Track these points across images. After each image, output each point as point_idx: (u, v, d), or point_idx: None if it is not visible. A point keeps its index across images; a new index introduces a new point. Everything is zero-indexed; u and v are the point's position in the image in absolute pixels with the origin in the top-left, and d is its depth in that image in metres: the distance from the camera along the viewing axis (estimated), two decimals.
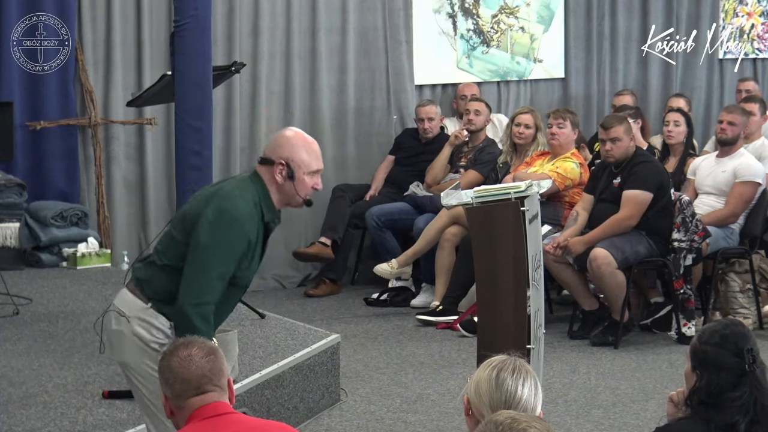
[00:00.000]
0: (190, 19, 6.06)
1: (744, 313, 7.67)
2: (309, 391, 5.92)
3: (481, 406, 2.92)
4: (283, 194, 4.02)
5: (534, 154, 8.19)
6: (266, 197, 4.00)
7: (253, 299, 7.45)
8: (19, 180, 8.06)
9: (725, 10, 10.83)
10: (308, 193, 4.03)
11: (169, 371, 3.21)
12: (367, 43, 9.47)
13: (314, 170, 4.01)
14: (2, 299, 6.76)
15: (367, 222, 8.73)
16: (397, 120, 9.55)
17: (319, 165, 4.03)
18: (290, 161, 3.98)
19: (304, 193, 4.01)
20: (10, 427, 4.84)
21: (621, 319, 7.33)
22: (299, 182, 3.98)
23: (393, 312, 8.33)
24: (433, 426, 5.87)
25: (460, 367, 6.84)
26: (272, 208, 4.02)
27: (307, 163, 3.99)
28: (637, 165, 7.37)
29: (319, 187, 4.05)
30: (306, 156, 4.00)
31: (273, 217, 4.03)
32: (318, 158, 4.03)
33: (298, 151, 3.99)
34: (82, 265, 7.99)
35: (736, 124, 7.84)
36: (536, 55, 10.19)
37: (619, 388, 6.50)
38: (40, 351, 5.97)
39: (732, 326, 3.34)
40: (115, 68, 8.55)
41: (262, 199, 4.00)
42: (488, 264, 5.16)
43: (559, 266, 7.45)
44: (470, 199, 5.17)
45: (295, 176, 3.98)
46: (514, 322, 5.04)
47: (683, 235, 7.35)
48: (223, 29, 8.86)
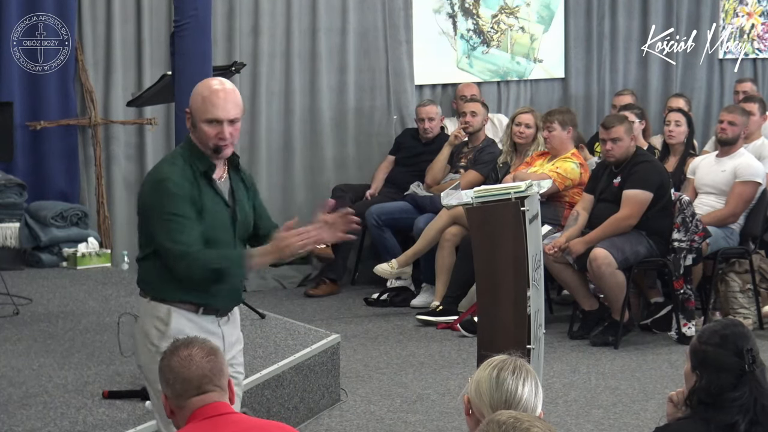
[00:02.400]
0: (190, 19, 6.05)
1: (744, 313, 7.67)
2: (309, 391, 5.92)
3: (482, 405, 2.93)
4: (200, 143, 3.97)
5: (534, 154, 8.19)
6: (194, 149, 3.96)
7: (253, 299, 7.46)
8: (19, 180, 8.06)
9: (725, 10, 10.83)
10: (214, 143, 3.93)
11: (170, 371, 3.21)
12: (367, 43, 9.47)
13: (209, 118, 3.92)
14: (2, 299, 6.76)
15: (367, 221, 8.72)
16: (397, 120, 9.55)
17: (216, 114, 3.91)
18: (191, 109, 3.97)
19: (209, 143, 3.94)
20: (10, 427, 4.84)
21: (621, 319, 7.33)
22: (199, 131, 3.94)
23: (393, 312, 8.33)
24: (433, 426, 5.88)
25: (460, 367, 6.84)
26: (204, 157, 3.95)
27: (201, 111, 3.93)
28: (638, 165, 7.37)
29: (224, 136, 3.92)
30: (201, 103, 3.93)
31: (207, 166, 3.96)
32: (216, 106, 3.91)
33: (196, 99, 3.95)
34: (82, 265, 7.99)
35: (736, 124, 7.84)
36: (536, 55, 10.19)
37: (619, 388, 6.50)
38: (40, 351, 5.97)
39: (732, 326, 3.34)
40: (115, 68, 8.55)
41: (192, 154, 3.96)
42: (488, 264, 5.15)
43: (559, 266, 7.45)
44: (470, 199, 5.17)
45: (196, 125, 3.95)
46: (514, 322, 5.04)
47: (683, 235, 7.35)
48: (223, 29, 8.86)
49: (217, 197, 3.99)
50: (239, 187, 4.09)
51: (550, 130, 7.94)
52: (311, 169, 9.27)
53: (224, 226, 4.01)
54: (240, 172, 4.13)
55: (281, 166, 9.13)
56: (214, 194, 3.98)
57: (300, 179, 9.21)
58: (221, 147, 3.95)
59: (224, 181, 4.05)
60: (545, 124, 8.00)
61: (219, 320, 4.07)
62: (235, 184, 4.07)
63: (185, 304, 4.00)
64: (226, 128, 3.94)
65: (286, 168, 9.16)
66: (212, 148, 3.96)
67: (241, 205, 4.07)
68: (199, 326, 3.98)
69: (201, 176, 3.96)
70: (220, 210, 4.00)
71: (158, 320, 4.00)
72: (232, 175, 4.09)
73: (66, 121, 8.34)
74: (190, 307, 4.01)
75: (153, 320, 4.01)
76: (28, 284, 7.44)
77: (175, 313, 3.99)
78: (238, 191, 4.07)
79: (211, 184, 3.98)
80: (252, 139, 9.05)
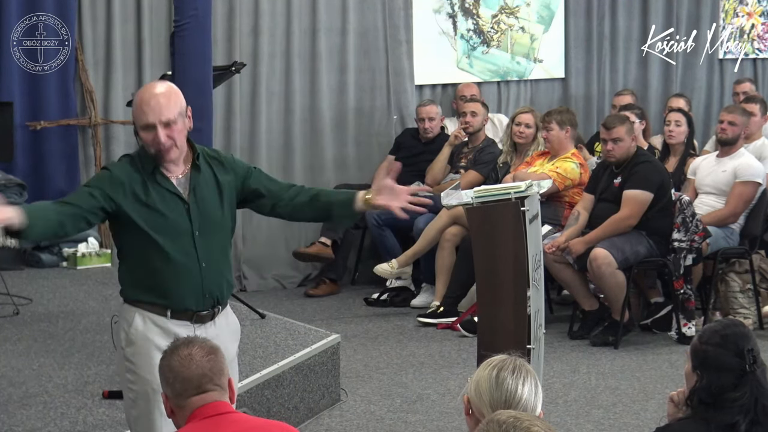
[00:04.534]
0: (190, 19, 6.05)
1: (744, 313, 7.67)
2: (309, 391, 5.92)
3: (482, 405, 2.93)
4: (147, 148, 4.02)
5: (534, 153, 8.19)
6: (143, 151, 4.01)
7: (253, 299, 7.46)
8: (19, 180, 8.05)
9: (725, 10, 10.83)
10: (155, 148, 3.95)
11: (170, 370, 3.21)
12: (367, 43, 9.46)
13: (143, 125, 3.94)
14: (2, 299, 6.76)
15: (367, 220, 8.73)
16: (397, 120, 9.54)
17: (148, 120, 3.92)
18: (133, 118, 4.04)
19: (150, 149, 3.96)
20: (10, 427, 4.84)
21: (621, 319, 7.33)
22: (142, 138, 3.99)
23: (393, 312, 8.33)
24: (433, 426, 5.87)
25: (460, 367, 6.84)
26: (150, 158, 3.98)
27: (137, 118, 3.98)
28: (638, 165, 7.37)
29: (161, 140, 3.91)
30: (136, 111, 3.98)
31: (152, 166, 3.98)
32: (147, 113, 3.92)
33: (134, 107, 4.01)
34: (82, 265, 7.99)
35: (736, 124, 7.84)
36: (536, 55, 10.19)
37: (619, 388, 6.50)
38: (40, 351, 5.97)
39: (733, 326, 3.34)
40: (115, 68, 8.55)
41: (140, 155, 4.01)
42: (488, 264, 5.15)
43: (559, 266, 7.45)
44: (470, 199, 5.16)
45: (137, 132, 4.01)
46: (514, 322, 5.04)
47: (683, 235, 7.35)
48: (223, 29, 8.86)
49: (168, 193, 3.98)
50: (203, 183, 4.04)
51: (549, 130, 7.94)
52: (311, 169, 9.27)
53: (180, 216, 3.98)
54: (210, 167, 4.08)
55: (281, 166, 9.13)
56: (164, 190, 3.98)
57: (300, 179, 9.19)
58: (162, 151, 3.95)
59: (184, 177, 4.03)
60: (544, 124, 8.01)
61: (194, 326, 3.99)
62: (195, 180, 4.03)
63: (152, 306, 3.98)
64: (161, 132, 3.91)
65: (286, 168, 9.15)
66: (154, 154, 3.96)
67: (203, 199, 4.03)
68: (166, 330, 3.94)
69: (149, 176, 3.98)
70: (174, 203, 3.98)
71: (126, 322, 4.00)
72: (193, 173, 4.04)
73: (66, 121, 8.33)
74: (157, 309, 3.98)
75: (123, 322, 4.02)
76: (28, 284, 7.43)
77: (139, 317, 3.97)
78: (199, 187, 4.03)
79: (158, 181, 3.98)
80: (252, 139, 9.05)
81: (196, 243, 3.99)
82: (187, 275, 3.98)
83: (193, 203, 4.00)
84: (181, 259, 3.97)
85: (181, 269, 3.97)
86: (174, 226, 3.97)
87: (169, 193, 3.99)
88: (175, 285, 3.97)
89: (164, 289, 3.96)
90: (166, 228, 3.96)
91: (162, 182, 3.98)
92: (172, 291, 3.97)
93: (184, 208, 3.99)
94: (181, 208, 3.99)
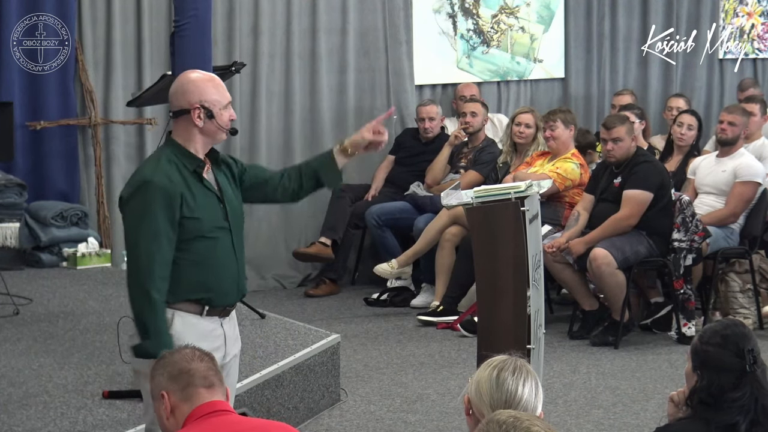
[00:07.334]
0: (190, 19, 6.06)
1: (744, 313, 7.67)
2: (309, 391, 5.92)
3: (482, 405, 2.92)
4: (208, 135, 4.04)
5: (534, 154, 8.19)
6: (181, 149, 4.01)
7: (253, 299, 7.45)
8: (19, 180, 8.05)
9: (725, 10, 10.83)
10: (228, 127, 4.08)
11: (173, 365, 3.21)
12: (367, 43, 9.47)
13: (226, 104, 4.07)
14: (2, 299, 6.76)
15: (367, 220, 8.73)
16: (397, 120, 9.54)
17: (229, 97, 4.10)
18: (204, 103, 4.02)
19: (226, 128, 4.07)
20: (10, 427, 4.84)
21: (621, 319, 7.33)
22: (219, 118, 4.03)
23: (393, 312, 8.33)
24: (433, 426, 5.87)
25: (460, 367, 6.84)
26: (192, 156, 4.01)
27: (219, 100, 4.04)
28: (638, 165, 7.37)
29: (234, 116, 4.11)
30: (216, 94, 4.05)
31: (196, 164, 4.00)
32: (225, 91, 4.09)
33: (209, 91, 4.04)
34: (82, 265, 7.98)
35: (736, 125, 7.84)
36: (536, 55, 10.19)
37: (619, 388, 6.50)
38: (40, 351, 5.97)
39: (733, 326, 3.34)
40: (115, 68, 8.55)
41: (177, 154, 4.00)
42: (488, 264, 5.15)
43: (559, 266, 7.45)
44: (470, 199, 5.16)
45: (214, 114, 4.02)
46: (514, 322, 5.04)
47: (683, 235, 7.35)
48: (223, 29, 8.86)
49: (210, 192, 4.02)
50: (224, 180, 4.11)
51: (553, 129, 7.92)
52: None
53: (219, 219, 4.03)
54: (221, 165, 4.15)
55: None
56: (206, 190, 4.01)
57: None
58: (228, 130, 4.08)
59: (209, 173, 4.08)
60: (547, 123, 7.98)
61: (221, 320, 4.08)
62: (219, 178, 4.10)
63: (190, 305, 3.99)
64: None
65: None
66: (230, 130, 4.08)
67: (229, 196, 4.09)
68: (200, 330, 3.97)
69: (191, 175, 3.99)
70: (214, 205, 4.03)
71: None
72: (215, 169, 4.11)
73: (66, 121, 8.33)
74: (194, 308, 4.00)
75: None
76: (28, 284, 7.43)
77: (178, 318, 3.97)
78: (223, 184, 4.09)
79: (201, 181, 4.01)
80: (252, 139, 9.06)
81: (233, 238, 4.07)
82: (228, 271, 4.06)
83: (225, 200, 4.08)
84: (224, 255, 4.04)
85: (224, 265, 4.04)
86: (216, 224, 4.02)
87: (210, 192, 4.04)
88: (219, 282, 4.03)
89: (208, 287, 4.00)
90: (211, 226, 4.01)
91: (203, 182, 4.02)
92: (215, 288, 4.02)
93: (220, 205, 4.05)
94: (218, 206, 4.05)
